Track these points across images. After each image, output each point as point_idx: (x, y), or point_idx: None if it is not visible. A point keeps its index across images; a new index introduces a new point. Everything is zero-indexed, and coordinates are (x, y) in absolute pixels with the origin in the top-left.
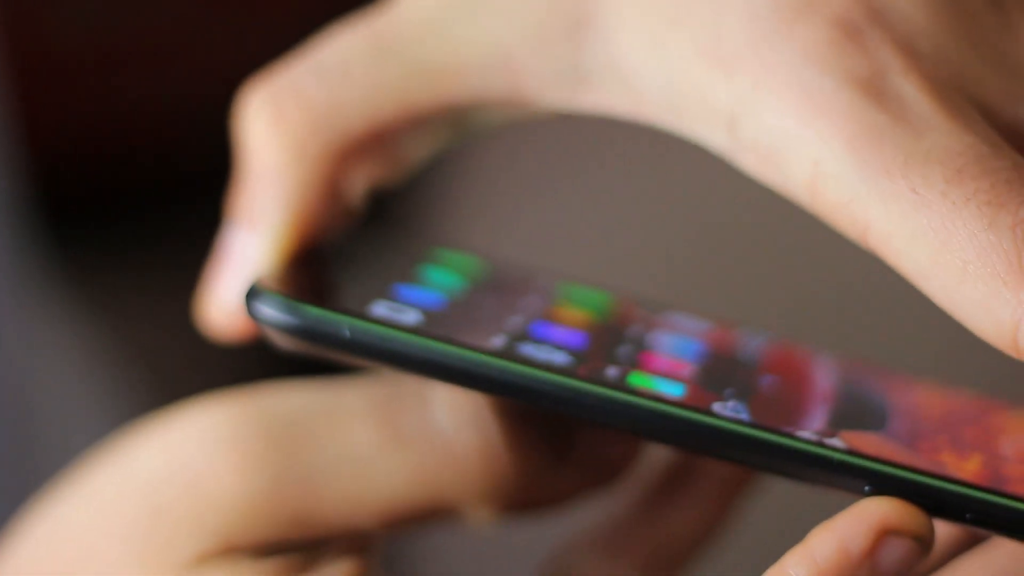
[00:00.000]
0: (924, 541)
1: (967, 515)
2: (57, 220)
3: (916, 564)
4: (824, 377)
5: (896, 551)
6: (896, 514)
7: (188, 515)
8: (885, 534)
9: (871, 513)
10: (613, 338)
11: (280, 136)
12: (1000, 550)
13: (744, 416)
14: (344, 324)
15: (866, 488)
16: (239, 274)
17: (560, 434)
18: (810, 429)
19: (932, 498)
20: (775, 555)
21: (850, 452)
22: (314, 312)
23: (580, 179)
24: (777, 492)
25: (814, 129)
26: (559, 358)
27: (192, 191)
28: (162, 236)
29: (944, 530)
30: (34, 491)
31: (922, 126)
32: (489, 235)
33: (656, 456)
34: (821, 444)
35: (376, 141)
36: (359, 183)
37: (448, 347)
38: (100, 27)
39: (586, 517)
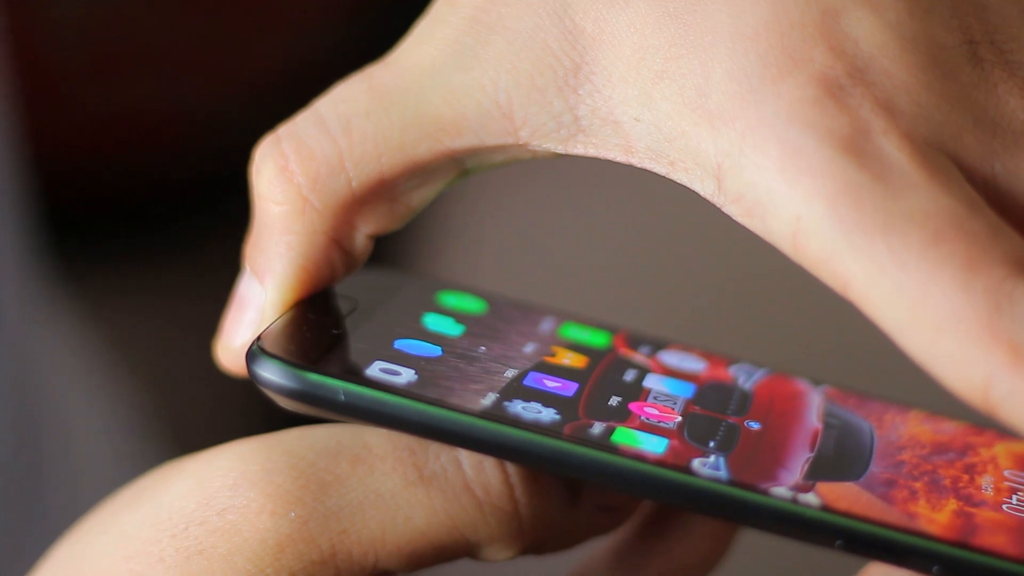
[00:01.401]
0: None
1: (934, 567)
2: (60, 228)
3: None
4: (810, 419)
5: None
6: None
7: (220, 557)
8: None
9: None
10: (606, 386)
11: (284, 189)
12: None
13: (722, 474)
14: (339, 389)
15: (838, 543)
16: (248, 321)
17: None
18: (787, 484)
19: (900, 552)
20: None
21: (822, 509)
22: (310, 377)
23: (578, 210)
24: None
25: (797, 187)
26: (546, 416)
27: (195, 199)
28: (163, 243)
29: None
30: (36, 498)
31: (901, 186)
32: (490, 269)
33: None
34: (795, 502)
35: (378, 191)
36: (362, 232)
37: (437, 411)
38: (103, 38)
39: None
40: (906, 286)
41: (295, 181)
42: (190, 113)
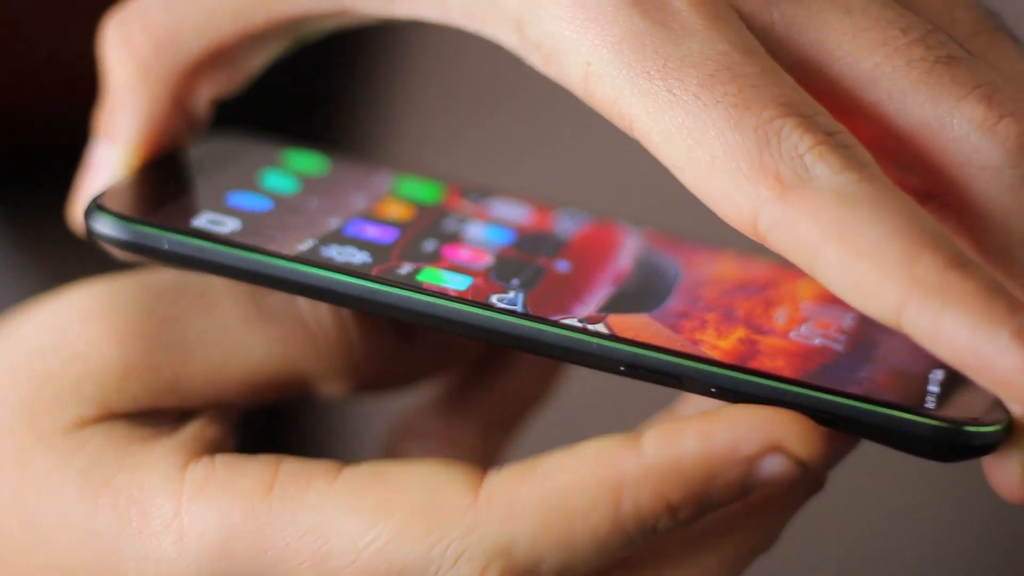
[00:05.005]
0: (806, 466)
1: (712, 390)
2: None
3: (788, 484)
4: (620, 258)
5: (774, 467)
6: (793, 435)
7: (69, 383)
8: (773, 450)
9: (769, 425)
10: (426, 232)
11: (128, 58)
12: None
13: (518, 307)
14: (163, 238)
15: (621, 368)
16: (98, 182)
17: None
18: (579, 316)
19: (678, 376)
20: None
21: (607, 338)
22: (136, 228)
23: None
24: None
25: (586, 34)
26: (359, 258)
27: None
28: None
29: None
30: None
31: (682, 32)
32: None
33: None
34: (584, 331)
35: (216, 58)
36: (203, 97)
37: (252, 255)
38: None
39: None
40: (683, 125)
41: (139, 50)
42: None
